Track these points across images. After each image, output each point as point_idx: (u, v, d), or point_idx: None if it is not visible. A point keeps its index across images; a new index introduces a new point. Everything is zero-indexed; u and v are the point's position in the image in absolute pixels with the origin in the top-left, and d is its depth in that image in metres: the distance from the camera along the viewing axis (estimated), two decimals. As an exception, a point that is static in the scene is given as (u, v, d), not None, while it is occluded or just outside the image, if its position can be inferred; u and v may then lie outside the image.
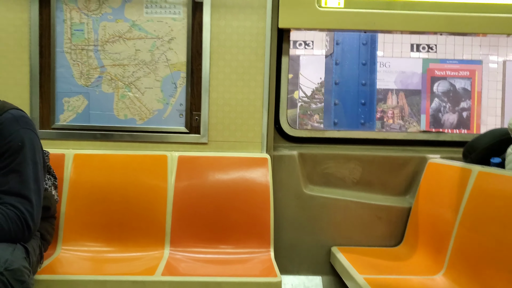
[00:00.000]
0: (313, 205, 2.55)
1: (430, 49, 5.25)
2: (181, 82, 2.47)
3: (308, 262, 2.57)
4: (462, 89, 5.21)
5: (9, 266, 1.49)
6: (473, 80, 5.18)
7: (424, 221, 2.39)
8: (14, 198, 1.64)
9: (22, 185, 1.67)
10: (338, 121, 4.03)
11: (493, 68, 5.30)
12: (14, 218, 1.62)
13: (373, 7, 2.43)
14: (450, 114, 5.20)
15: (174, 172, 2.38)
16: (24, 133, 1.71)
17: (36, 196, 1.70)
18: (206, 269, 2.12)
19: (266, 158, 2.44)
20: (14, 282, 1.49)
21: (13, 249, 1.58)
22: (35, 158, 1.74)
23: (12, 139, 1.68)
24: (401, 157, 2.62)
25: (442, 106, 5.22)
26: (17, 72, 2.42)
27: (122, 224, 2.31)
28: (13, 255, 1.55)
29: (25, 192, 1.66)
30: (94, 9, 2.43)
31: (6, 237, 1.60)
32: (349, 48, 4.07)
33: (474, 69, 5.18)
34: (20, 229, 1.63)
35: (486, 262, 1.79)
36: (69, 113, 2.47)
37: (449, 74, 5.19)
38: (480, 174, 2.00)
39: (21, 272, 1.52)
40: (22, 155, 1.69)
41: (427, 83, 5.20)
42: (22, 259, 1.60)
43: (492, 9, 2.44)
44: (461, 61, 5.20)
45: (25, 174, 1.68)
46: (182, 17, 2.44)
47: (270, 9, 2.43)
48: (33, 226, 1.68)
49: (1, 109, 1.72)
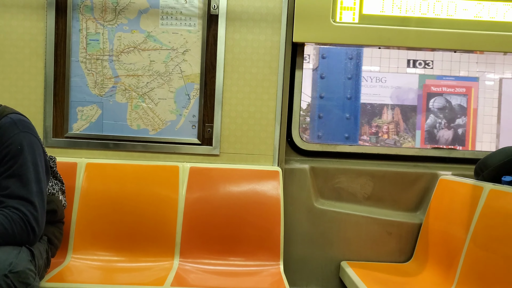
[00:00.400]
0: (323, 219, 2.55)
1: (427, 65, 5.27)
2: (194, 93, 2.49)
3: (317, 276, 2.56)
4: (458, 106, 5.22)
5: (13, 268, 1.49)
6: (469, 97, 5.19)
7: (434, 238, 2.39)
8: (17, 201, 1.64)
9: (24, 188, 1.67)
10: (322, 134, 4.06)
11: (490, 85, 5.31)
12: (17, 220, 1.62)
13: (388, 23, 2.45)
14: (446, 130, 5.20)
15: (186, 183, 2.39)
16: (23, 137, 1.72)
17: (38, 198, 1.70)
18: (215, 281, 2.12)
19: (277, 171, 2.45)
20: (19, 284, 1.50)
21: (18, 252, 1.58)
22: (35, 160, 1.74)
23: (11, 142, 1.69)
24: (412, 173, 2.62)
25: (438, 122, 5.22)
26: (32, 81, 2.44)
27: (133, 234, 2.32)
28: (18, 258, 1.55)
29: (27, 194, 1.67)
30: (110, 20, 2.46)
31: (11, 240, 1.60)
32: (335, 63, 4.12)
33: (471, 86, 5.19)
34: (24, 231, 1.63)
35: (496, 280, 1.79)
36: (82, 122, 2.49)
37: (445, 90, 5.20)
38: (491, 192, 2.00)
39: (26, 274, 1.53)
40: (22, 158, 1.69)
41: (423, 99, 5.21)
42: (28, 261, 1.59)
43: (507, 27, 2.46)
44: (458, 77, 5.21)
45: (26, 177, 1.69)
46: (197, 29, 2.47)
47: (285, 23, 2.45)
48: (38, 228, 1.68)
49: (1, 113, 1.74)
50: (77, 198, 2.33)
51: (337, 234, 2.55)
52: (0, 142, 1.69)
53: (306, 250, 2.55)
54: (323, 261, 2.56)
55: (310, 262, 2.56)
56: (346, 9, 2.45)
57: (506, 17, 2.47)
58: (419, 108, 5.17)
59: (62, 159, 2.37)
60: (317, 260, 2.56)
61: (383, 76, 5.20)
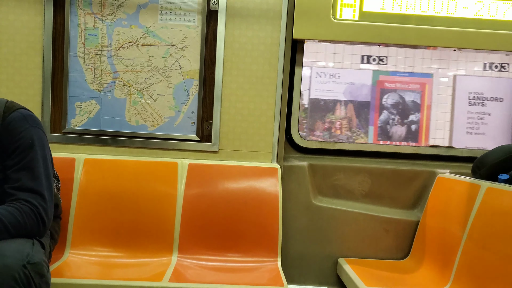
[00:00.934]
0: (321, 216, 2.56)
1: (381, 61, 5.25)
2: (193, 90, 2.48)
3: (315, 272, 2.58)
4: (412, 102, 5.23)
5: (31, 259, 1.51)
6: (423, 93, 5.19)
7: (431, 235, 2.40)
8: (28, 194, 1.66)
9: (35, 181, 1.69)
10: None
11: (444, 82, 5.31)
12: (29, 212, 1.64)
13: (388, 20, 2.45)
14: (399, 126, 5.20)
15: (184, 179, 2.39)
16: (34, 131, 1.74)
17: (48, 191, 1.72)
18: (213, 277, 2.12)
19: (276, 168, 2.45)
20: (36, 275, 1.51)
21: (32, 243, 1.61)
22: (45, 155, 1.76)
23: (22, 136, 1.70)
24: (410, 170, 2.63)
25: (391, 118, 5.24)
26: (29, 75, 2.43)
27: (131, 230, 2.32)
28: (33, 250, 1.57)
29: (38, 187, 1.69)
30: (108, 15, 2.44)
31: (23, 232, 1.62)
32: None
33: (425, 82, 5.19)
34: (35, 223, 1.65)
35: (492, 277, 1.81)
36: (80, 117, 2.48)
37: (399, 86, 5.20)
38: (488, 190, 2.02)
39: (41, 266, 1.55)
40: (33, 152, 1.71)
41: (376, 95, 5.21)
42: (42, 253, 1.62)
43: (507, 26, 2.46)
44: (412, 74, 5.21)
45: (37, 170, 1.71)
46: (196, 25, 2.46)
47: (285, 20, 2.44)
48: (47, 221, 1.70)
49: (10, 108, 1.75)
50: (75, 194, 2.32)
51: (335, 231, 2.56)
52: (11, 136, 1.70)
53: (304, 247, 2.57)
54: (321, 258, 2.57)
55: (308, 258, 2.57)
56: (347, 6, 2.45)
57: (506, 16, 2.48)
58: (372, 104, 5.17)
59: (60, 154, 2.37)
60: (315, 257, 2.57)
61: (337, 72, 5.16)
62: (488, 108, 4.66)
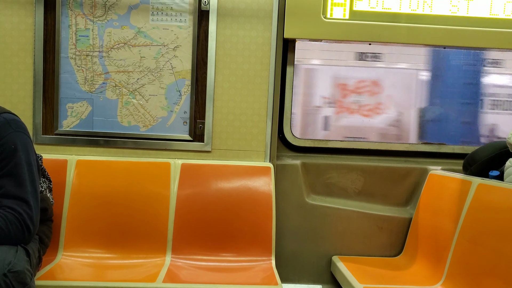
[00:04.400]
0: (315, 215, 2.57)
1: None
2: (185, 90, 2.48)
3: (309, 270, 2.58)
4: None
5: (12, 268, 1.49)
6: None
7: (424, 232, 2.42)
8: (12, 201, 1.64)
9: (19, 188, 1.66)
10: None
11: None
12: (13, 220, 1.62)
13: (378, 19, 2.46)
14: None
15: (177, 179, 2.39)
16: (17, 136, 1.71)
17: (33, 198, 1.69)
18: (207, 277, 2.12)
19: (269, 167, 2.45)
20: (17, 284, 1.50)
21: (15, 251, 1.58)
22: (29, 160, 1.73)
23: (5, 142, 1.68)
24: (402, 168, 2.65)
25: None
26: (21, 77, 2.41)
27: (124, 231, 2.31)
28: (16, 258, 1.55)
29: (22, 194, 1.66)
30: (99, 15, 2.44)
31: (7, 240, 1.60)
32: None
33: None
34: (20, 231, 1.63)
35: (484, 273, 1.82)
36: (72, 119, 2.47)
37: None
38: (480, 186, 2.03)
39: (24, 274, 1.53)
40: (16, 158, 1.69)
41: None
42: (25, 261, 1.60)
43: (496, 24, 2.49)
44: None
45: (21, 176, 1.68)
46: (187, 25, 2.46)
47: (276, 19, 2.45)
48: (33, 228, 1.68)
49: None
50: (67, 195, 2.31)
51: (328, 229, 2.57)
52: None
53: (297, 245, 2.57)
54: (314, 256, 2.58)
55: (301, 257, 2.58)
56: (337, 5, 2.46)
57: (494, 13, 2.49)
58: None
59: (52, 156, 2.36)
60: (309, 255, 2.58)
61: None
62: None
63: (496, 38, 2.48)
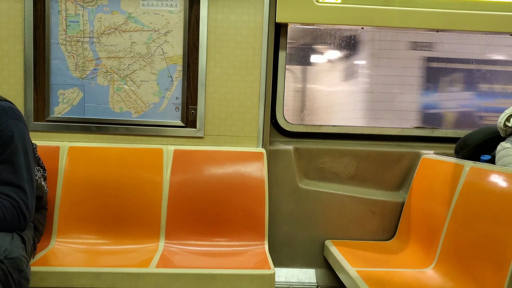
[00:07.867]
0: (307, 200, 2.57)
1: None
2: (177, 75, 2.47)
3: (302, 255, 2.60)
4: None
5: (8, 254, 1.50)
6: None
7: (416, 216, 2.43)
8: (8, 188, 1.64)
9: (15, 175, 1.66)
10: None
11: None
12: (9, 207, 1.62)
13: (371, 3, 2.44)
14: None
15: (170, 165, 2.39)
16: (14, 124, 1.71)
17: (29, 185, 1.70)
18: (200, 262, 2.13)
19: (262, 152, 2.45)
20: (13, 270, 1.51)
21: (11, 238, 1.59)
22: (26, 148, 1.73)
23: (2, 129, 1.68)
24: (395, 152, 2.65)
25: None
26: (11, 64, 2.39)
27: (117, 217, 2.31)
28: (12, 244, 1.55)
29: (18, 181, 1.67)
30: (89, 1, 2.41)
31: (3, 226, 1.61)
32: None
33: None
34: (15, 218, 1.64)
35: (475, 256, 1.83)
36: (64, 105, 2.46)
37: None
38: (472, 170, 2.03)
39: (20, 261, 1.54)
40: (13, 146, 1.69)
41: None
42: (21, 248, 1.61)
43: (490, 7, 2.46)
44: None
45: (17, 164, 1.68)
46: (178, 9, 2.43)
47: (268, 4, 2.42)
48: (28, 215, 1.68)
49: None
50: (60, 182, 2.31)
51: (321, 213, 2.58)
52: None
53: (290, 230, 2.58)
54: (307, 241, 2.59)
55: (294, 241, 2.59)
56: (329, -11, 2.44)
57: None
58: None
59: (44, 143, 2.36)
60: (302, 240, 2.59)
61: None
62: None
63: (491, 22, 2.46)
